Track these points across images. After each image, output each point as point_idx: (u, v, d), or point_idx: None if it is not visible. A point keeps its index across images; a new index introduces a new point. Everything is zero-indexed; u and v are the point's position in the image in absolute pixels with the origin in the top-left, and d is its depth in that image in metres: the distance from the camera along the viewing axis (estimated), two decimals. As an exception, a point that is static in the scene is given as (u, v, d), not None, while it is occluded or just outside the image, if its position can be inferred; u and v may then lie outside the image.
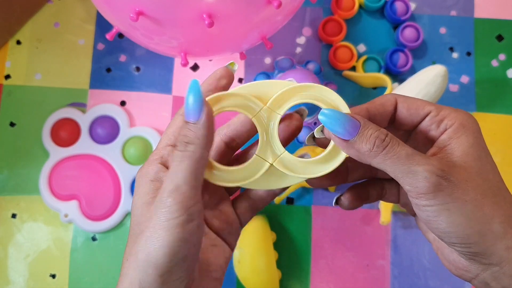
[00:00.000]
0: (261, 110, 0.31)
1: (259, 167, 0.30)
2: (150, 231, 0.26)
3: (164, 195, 0.27)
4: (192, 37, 0.43)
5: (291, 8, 0.45)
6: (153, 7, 0.40)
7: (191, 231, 0.27)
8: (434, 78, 0.48)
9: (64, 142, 0.55)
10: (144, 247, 0.26)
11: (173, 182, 0.27)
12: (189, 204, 0.27)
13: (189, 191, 0.27)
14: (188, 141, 0.28)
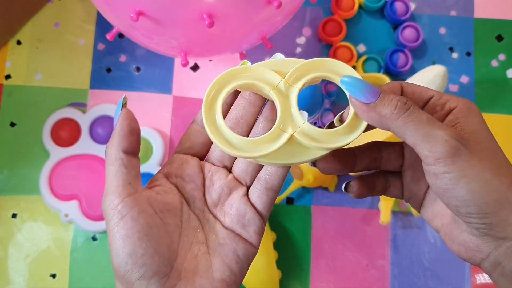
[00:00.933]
0: (280, 82, 0.30)
1: (279, 138, 0.30)
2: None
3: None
4: (192, 37, 0.43)
5: (291, 8, 0.46)
6: (153, 7, 0.40)
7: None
8: (434, 78, 0.48)
9: (64, 142, 0.55)
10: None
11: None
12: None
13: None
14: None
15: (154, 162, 0.55)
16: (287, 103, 0.30)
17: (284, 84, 0.30)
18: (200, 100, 0.57)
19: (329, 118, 0.55)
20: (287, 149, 0.30)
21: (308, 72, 0.31)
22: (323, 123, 0.55)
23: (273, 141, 0.29)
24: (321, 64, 0.31)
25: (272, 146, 0.29)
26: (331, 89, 0.56)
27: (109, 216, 0.29)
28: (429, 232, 0.55)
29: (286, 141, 0.30)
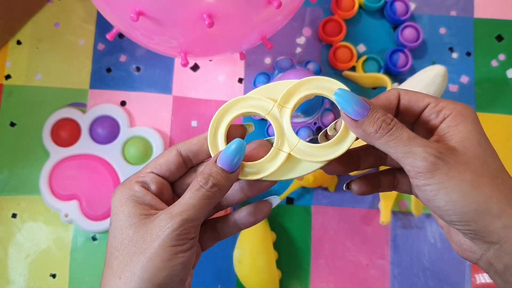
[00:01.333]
0: (273, 107, 0.33)
1: (277, 158, 0.32)
2: (154, 252, 0.28)
3: (174, 224, 0.29)
4: (192, 37, 0.43)
5: (291, 8, 0.46)
6: (153, 7, 0.40)
7: (189, 258, 0.29)
8: (434, 78, 0.48)
9: (64, 142, 0.55)
10: (146, 267, 0.28)
11: (187, 213, 0.29)
12: (192, 236, 0.29)
13: (195, 226, 0.29)
14: (216, 183, 0.30)
15: (154, 162, 0.55)
16: (282, 124, 0.33)
17: (277, 107, 0.33)
18: (200, 100, 0.58)
19: (329, 118, 0.55)
20: (286, 166, 0.32)
21: (299, 92, 0.33)
22: (323, 123, 0.56)
23: (272, 160, 0.32)
24: (311, 82, 0.33)
25: (273, 166, 0.32)
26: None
27: (180, 236, 0.29)
28: (429, 232, 0.55)
29: (285, 160, 0.32)
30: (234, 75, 0.58)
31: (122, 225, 0.30)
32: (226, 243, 0.54)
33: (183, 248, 0.29)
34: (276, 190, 0.55)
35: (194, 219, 0.29)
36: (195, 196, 0.30)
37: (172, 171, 0.33)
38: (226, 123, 0.33)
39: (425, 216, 0.55)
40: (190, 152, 0.33)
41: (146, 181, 0.32)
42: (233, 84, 0.58)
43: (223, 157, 0.30)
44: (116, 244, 0.30)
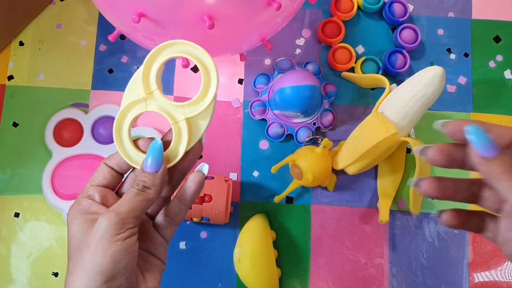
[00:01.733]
0: (146, 99, 0.36)
1: (182, 130, 0.36)
2: (96, 244, 0.32)
3: (111, 215, 0.32)
4: (193, 38, 0.44)
5: (291, 9, 0.46)
6: (154, 9, 0.40)
7: (130, 244, 0.32)
8: (432, 79, 0.48)
9: (66, 142, 0.56)
10: (91, 258, 0.31)
11: (122, 207, 0.33)
12: (130, 225, 0.33)
13: (132, 217, 0.33)
14: (146, 185, 0.34)
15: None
16: (162, 107, 0.36)
17: (147, 97, 0.36)
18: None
19: (328, 118, 0.56)
20: (190, 133, 0.36)
21: (160, 56, 0.35)
22: (322, 123, 0.56)
23: (179, 136, 0.36)
24: (173, 46, 0.35)
25: (184, 139, 0.36)
26: (330, 89, 0.57)
27: (116, 225, 0.33)
28: (427, 231, 0.55)
29: (188, 126, 0.36)
30: (234, 76, 0.58)
31: (74, 233, 0.33)
32: (226, 242, 0.55)
33: (122, 236, 0.32)
34: (276, 190, 0.56)
35: (129, 211, 0.33)
36: (128, 194, 0.34)
37: (108, 179, 0.37)
38: (126, 132, 0.36)
39: (424, 215, 0.56)
40: (114, 164, 0.37)
41: (90, 194, 0.36)
42: (233, 85, 0.58)
43: (145, 163, 0.34)
44: (71, 249, 0.33)
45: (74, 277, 0.32)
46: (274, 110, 0.56)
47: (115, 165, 0.37)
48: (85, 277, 0.31)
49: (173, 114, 0.36)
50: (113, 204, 0.35)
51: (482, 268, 0.55)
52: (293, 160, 0.52)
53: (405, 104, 0.49)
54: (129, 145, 0.36)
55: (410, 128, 0.51)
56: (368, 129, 0.51)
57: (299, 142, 0.56)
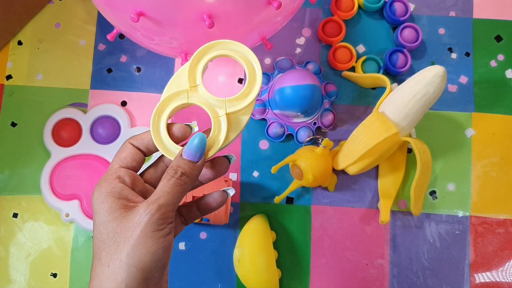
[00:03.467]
0: (188, 92, 0.36)
1: (221, 124, 0.36)
2: (137, 240, 0.31)
3: (153, 208, 0.31)
4: (193, 37, 0.44)
5: (291, 9, 0.46)
6: (154, 8, 0.40)
7: (170, 241, 0.32)
8: (433, 78, 0.48)
9: (65, 142, 0.56)
10: (132, 254, 0.30)
11: (162, 199, 0.32)
12: (170, 220, 0.32)
13: (172, 211, 0.32)
14: (184, 172, 0.33)
15: (154, 162, 0.55)
16: (203, 100, 0.36)
17: (191, 90, 0.36)
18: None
19: (329, 118, 0.56)
20: (230, 127, 0.36)
21: (205, 57, 0.37)
22: (322, 123, 0.56)
23: (218, 129, 0.36)
24: (216, 46, 0.37)
25: (223, 133, 0.36)
26: (331, 89, 0.57)
27: (159, 221, 0.32)
28: (428, 232, 0.55)
29: (227, 121, 0.36)
30: (234, 75, 0.58)
31: (105, 220, 0.32)
32: (226, 243, 0.55)
33: (163, 233, 0.31)
34: (276, 190, 0.56)
35: (170, 204, 0.32)
36: (167, 184, 0.32)
37: (138, 162, 0.35)
38: (164, 120, 0.36)
39: (425, 215, 0.55)
40: (142, 146, 0.35)
41: (121, 176, 0.34)
42: (233, 85, 0.58)
43: (187, 150, 0.33)
44: (102, 237, 0.32)
45: (111, 270, 0.31)
46: (274, 109, 0.56)
47: (143, 147, 0.35)
48: (124, 272, 0.30)
49: (214, 109, 0.36)
50: (140, 190, 0.34)
51: (483, 268, 0.54)
52: (293, 160, 0.52)
53: (406, 104, 0.49)
54: (165, 134, 0.36)
55: (411, 128, 0.51)
56: (369, 129, 0.50)
57: (299, 142, 0.56)
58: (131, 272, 0.30)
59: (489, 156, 0.57)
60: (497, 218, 0.55)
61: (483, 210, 0.55)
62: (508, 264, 0.55)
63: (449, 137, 0.57)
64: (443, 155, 0.57)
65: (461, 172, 0.56)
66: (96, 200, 0.33)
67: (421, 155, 0.49)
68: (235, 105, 0.36)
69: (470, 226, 0.55)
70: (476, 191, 0.56)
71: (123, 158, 0.35)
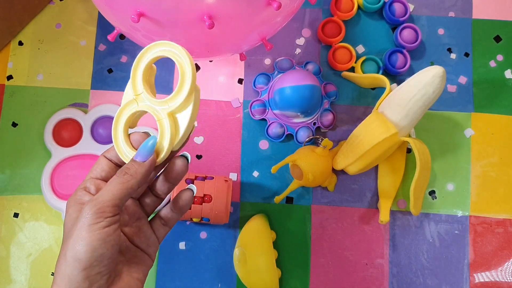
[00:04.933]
0: (137, 100, 0.38)
1: (164, 125, 0.37)
2: (76, 233, 0.33)
3: (90, 205, 0.33)
4: (193, 38, 0.44)
5: (291, 9, 0.46)
6: (154, 8, 0.40)
7: (108, 233, 0.33)
8: (432, 78, 0.48)
9: (66, 142, 0.56)
10: (71, 247, 0.33)
11: (102, 197, 0.34)
12: (107, 215, 0.33)
13: (110, 207, 0.33)
14: (127, 172, 0.35)
15: (154, 162, 0.55)
16: (148, 105, 0.38)
17: (136, 98, 0.38)
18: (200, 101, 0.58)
19: (328, 118, 0.56)
20: (174, 129, 0.37)
21: (143, 59, 0.39)
22: (322, 123, 0.56)
23: (164, 132, 0.37)
24: (156, 47, 0.39)
25: (167, 134, 0.37)
26: (331, 89, 0.57)
27: (94, 215, 0.34)
28: (428, 231, 0.55)
29: (171, 121, 0.37)
30: (234, 75, 0.58)
31: (66, 222, 0.35)
32: (226, 243, 0.55)
33: (99, 226, 0.33)
34: (276, 190, 0.56)
35: (107, 200, 0.33)
36: (110, 183, 0.35)
37: (107, 171, 0.38)
38: (121, 131, 0.38)
39: (424, 215, 0.56)
40: (113, 156, 0.38)
41: (87, 186, 0.37)
42: (233, 85, 0.58)
43: (137, 153, 0.36)
44: (63, 238, 0.35)
45: (59, 265, 0.33)
46: (274, 110, 0.56)
47: (114, 157, 0.38)
48: (66, 264, 0.33)
49: (158, 112, 0.37)
50: None
51: (482, 268, 0.55)
52: (293, 160, 0.52)
53: (406, 104, 0.49)
54: (123, 142, 0.38)
55: (410, 128, 0.51)
56: (368, 129, 0.51)
57: (299, 142, 0.56)
58: (70, 263, 0.32)
59: (488, 156, 0.57)
60: (496, 218, 0.55)
61: (482, 210, 0.56)
62: (507, 264, 0.55)
63: (448, 137, 0.57)
64: (443, 155, 0.57)
65: (460, 172, 0.56)
66: (66, 209, 0.36)
67: (420, 155, 0.49)
68: (173, 105, 0.37)
69: (469, 226, 0.55)
70: (476, 191, 0.56)
71: (93, 170, 0.38)
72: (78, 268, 0.32)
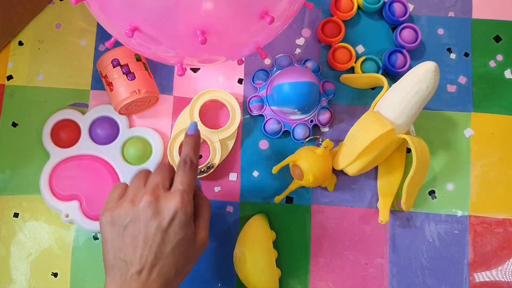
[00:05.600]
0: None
1: (217, 149, 0.55)
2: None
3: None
4: (188, 50, 0.44)
5: (287, 16, 0.45)
6: (148, 23, 0.40)
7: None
8: (424, 74, 0.48)
9: (64, 143, 0.56)
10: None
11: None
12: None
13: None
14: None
15: (153, 162, 0.55)
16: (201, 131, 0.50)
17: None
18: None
19: (326, 116, 0.56)
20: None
21: (198, 102, 0.56)
22: (319, 120, 0.56)
23: (215, 153, 0.55)
24: (205, 94, 0.55)
25: (217, 156, 0.55)
26: (329, 87, 0.57)
27: None
28: (428, 231, 0.55)
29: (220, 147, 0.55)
30: (234, 76, 0.58)
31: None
32: (226, 242, 0.55)
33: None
34: (276, 190, 0.56)
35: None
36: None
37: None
38: (177, 147, 0.55)
39: (424, 215, 0.56)
40: None
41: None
42: (233, 85, 0.58)
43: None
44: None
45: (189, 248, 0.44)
46: (271, 106, 0.56)
47: None
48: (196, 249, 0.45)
49: (210, 137, 0.55)
50: None
51: (482, 268, 0.55)
52: (293, 160, 0.52)
53: (400, 102, 0.49)
54: (178, 158, 0.52)
55: (407, 126, 0.51)
56: (365, 127, 0.50)
57: (296, 139, 0.56)
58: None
59: (488, 156, 0.57)
60: (496, 218, 0.55)
61: (482, 210, 0.56)
62: (507, 264, 0.55)
63: (448, 137, 0.57)
64: (442, 155, 0.57)
65: (460, 172, 0.56)
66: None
67: (418, 152, 0.49)
68: (223, 134, 0.55)
69: (469, 226, 0.55)
70: (475, 191, 0.56)
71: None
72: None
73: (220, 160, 0.54)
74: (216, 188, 0.56)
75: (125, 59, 0.52)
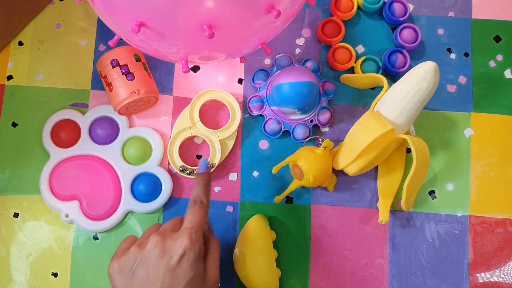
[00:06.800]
0: (190, 127, 0.55)
1: (217, 148, 0.55)
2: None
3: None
4: (193, 46, 0.44)
5: (290, 13, 0.46)
6: (154, 18, 0.40)
7: None
8: (424, 74, 0.48)
9: (64, 143, 0.56)
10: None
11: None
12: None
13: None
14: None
15: (153, 162, 0.55)
16: (202, 132, 0.55)
17: (192, 126, 0.55)
18: (200, 101, 0.58)
19: (326, 116, 0.56)
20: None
21: (198, 102, 0.56)
22: (319, 120, 0.56)
23: (215, 153, 0.55)
24: (205, 94, 0.56)
25: (218, 155, 0.55)
26: (329, 87, 0.57)
27: None
28: (428, 231, 0.55)
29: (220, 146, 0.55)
30: (234, 76, 0.58)
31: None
32: (226, 242, 0.55)
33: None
34: (276, 190, 0.56)
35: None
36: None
37: None
38: (176, 148, 0.55)
39: (424, 215, 0.56)
40: None
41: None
42: (233, 85, 0.58)
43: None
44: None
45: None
46: (271, 106, 0.56)
47: None
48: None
49: (210, 137, 0.55)
50: None
51: (482, 268, 0.55)
52: (293, 160, 0.52)
53: (400, 102, 0.49)
54: (177, 156, 0.55)
55: (407, 126, 0.51)
56: (365, 126, 0.50)
57: (296, 139, 0.56)
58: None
59: (488, 156, 0.57)
60: (496, 218, 0.56)
61: (482, 210, 0.56)
62: (507, 264, 0.55)
63: (448, 137, 0.57)
64: (442, 155, 0.57)
65: (460, 172, 0.57)
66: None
67: (418, 152, 0.49)
68: (223, 134, 0.55)
69: (469, 226, 0.55)
70: (475, 191, 0.56)
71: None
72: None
73: (220, 160, 0.54)
74: (216, 188, 0.56)
75: (125, 59, 0.52)
